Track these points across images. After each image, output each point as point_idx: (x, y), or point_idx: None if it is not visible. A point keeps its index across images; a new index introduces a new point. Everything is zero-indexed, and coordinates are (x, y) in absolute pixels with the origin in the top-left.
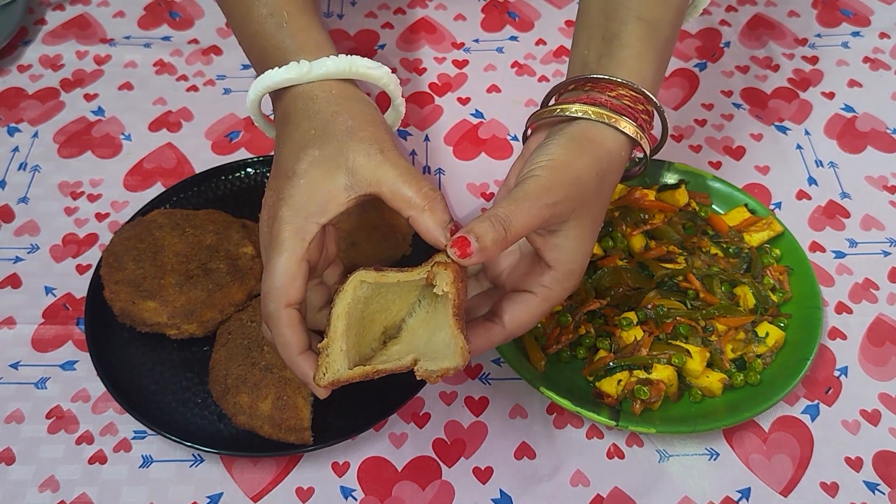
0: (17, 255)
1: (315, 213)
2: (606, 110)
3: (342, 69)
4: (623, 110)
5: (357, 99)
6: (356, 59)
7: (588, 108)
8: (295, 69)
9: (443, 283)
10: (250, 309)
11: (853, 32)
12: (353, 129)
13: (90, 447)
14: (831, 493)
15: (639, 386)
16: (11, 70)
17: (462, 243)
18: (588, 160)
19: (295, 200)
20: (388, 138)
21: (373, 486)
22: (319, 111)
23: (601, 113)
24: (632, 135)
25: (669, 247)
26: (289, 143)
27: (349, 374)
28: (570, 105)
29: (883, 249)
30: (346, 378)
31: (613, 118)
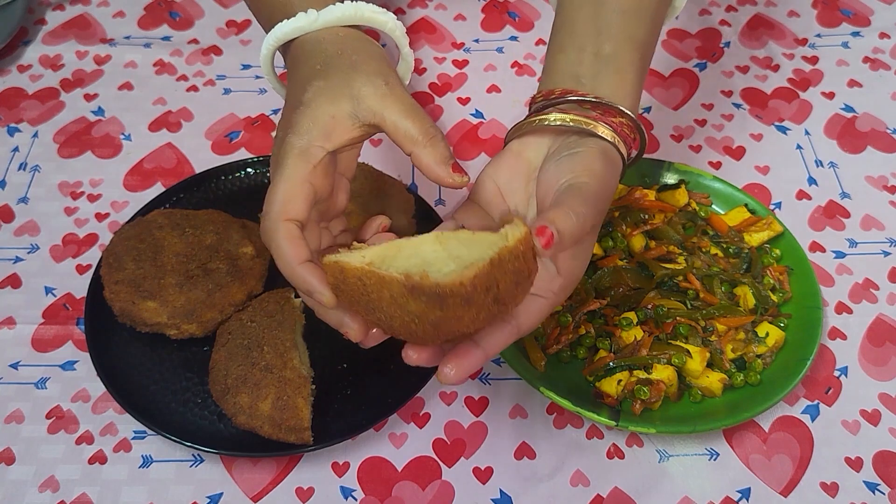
0: (17, 255)
1: (320, 137)
2: (619, 139)
3: (348, 15)
4: (626, 139)
5: (362, 39)
6: (362, 4)
7: (607, 132)
8: (303, 18)
9: (514, 233)
10: (250, 309)
11: (853, 32)
12: (358, 64)
13: (90, 447)
14: (831, 493)
15: (639, 386)
16: (11, 70)
17: (547, 235)
18: (614, 181)
19: (300, 127)
20: (392, 73)
21: (373, 486)
22: (325, 50)
23: (617, 139)
24: (625, 160)
25: (669, 247)
26: (295, 79)
27: (351, 264)
28: (593, 122)
29: (883, 249)
30: (346, 263)
31: (622, 147)
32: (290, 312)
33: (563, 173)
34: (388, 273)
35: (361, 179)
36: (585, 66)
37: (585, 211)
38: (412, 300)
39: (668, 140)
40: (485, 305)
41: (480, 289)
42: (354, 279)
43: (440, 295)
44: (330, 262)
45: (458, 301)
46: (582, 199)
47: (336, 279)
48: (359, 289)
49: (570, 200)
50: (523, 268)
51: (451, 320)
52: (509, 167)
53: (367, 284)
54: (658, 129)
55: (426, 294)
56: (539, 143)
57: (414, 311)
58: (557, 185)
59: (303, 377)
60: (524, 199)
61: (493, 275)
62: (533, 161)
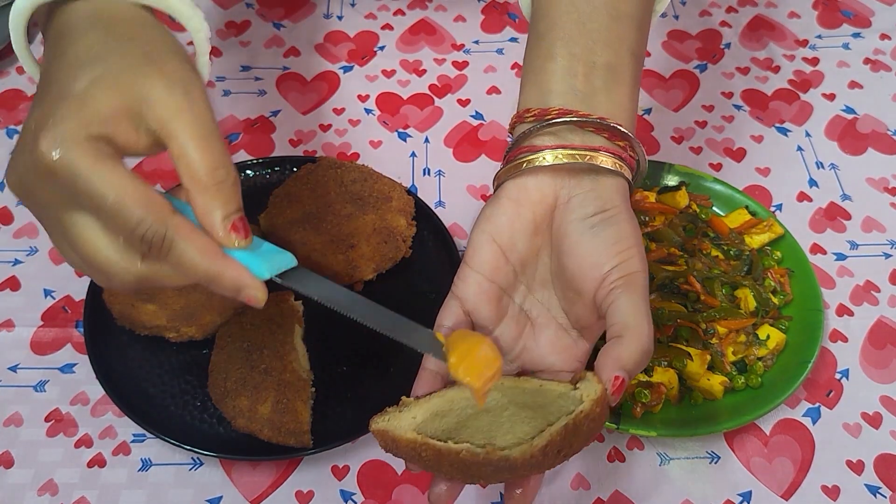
0: (16, 257)
1: (94, 122)
2: (625, 166)
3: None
4: (630, 164)
5: (160, 29)
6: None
7: (616, 162)
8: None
9: (589, 393)
10: (250, 312)
11: (854, 34)
12: (152, 57)
13: (89, 450)
14: (832, 496)
15: (639, 389)
16: (10, 72)
17: (618, 384)
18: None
19: (67, 124)
20: (197, 83)
21: (373, 490)
22: (109, 29)
23: (623, 167)
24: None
25: (670, 249)
26: (61, 61)
27: (402, 437)
28: (596, 153)
29: (884, 251)
30: (398, 435)
31: (628, 175)
32: (289, 315)
33: (606, 253)
34: (447, 445)
35: (360, 181)
36: (580, 77)
37: (649, 329)
38: (475, 468)
39: (668, 142)
40: (553, 462)
41: (552, 454)
42: (408, 450)
43: (510, 467)
44: (379, 430)
45: (528, 467)
46: (644, 312)
47: (388, 446)
48: (414, 457)
49: (635, 321)
50: (596, 427)
51: (518, 478)
52: (509, 221)
53: (423, 456)
54: (658, 131)
55: (493, 465)
56: (540, 186)
57: (477, 474)
58: (605, 272)
59: (302, 380)
60: (532, 255)
61: (567, 440)
62: (538, 212)
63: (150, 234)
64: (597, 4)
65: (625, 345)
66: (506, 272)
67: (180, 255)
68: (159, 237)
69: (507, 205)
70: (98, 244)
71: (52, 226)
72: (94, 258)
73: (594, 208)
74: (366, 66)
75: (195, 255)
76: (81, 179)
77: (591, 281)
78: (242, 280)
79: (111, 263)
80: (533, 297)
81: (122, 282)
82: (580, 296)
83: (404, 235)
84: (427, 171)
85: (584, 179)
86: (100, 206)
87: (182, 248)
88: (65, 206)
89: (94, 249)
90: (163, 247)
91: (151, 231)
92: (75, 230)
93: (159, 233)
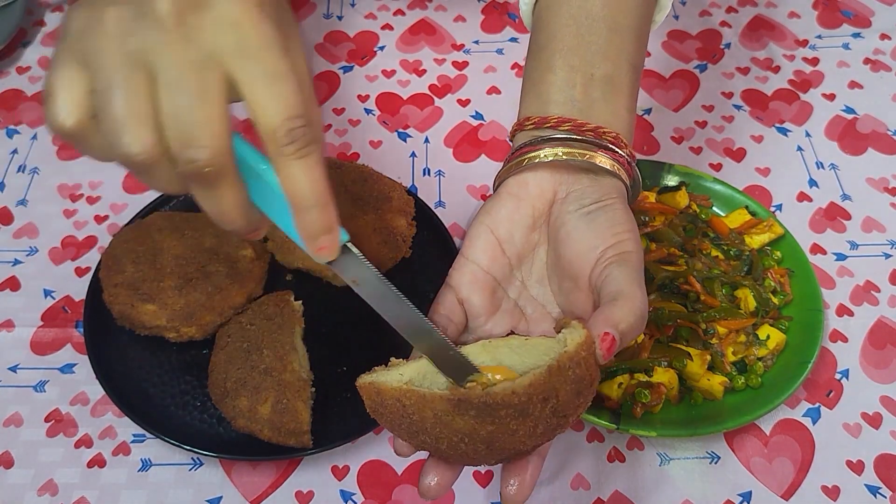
0: (16, 257)
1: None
2: (622, 169)
3: None
4: (628, 172)
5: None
6: None
7: (612, 163)
8: None
9: (574, 337)
10: (250, 312)
11: (854, 34)
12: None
13: (89, 451)
14: (832, 496)
15: (639, 389)
16: (10, 72)
17: (608, 341)
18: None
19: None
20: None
21: (373, 490)
22: None
23: (620, 170)
24: (628, 190)
25: (670, 249)
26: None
27: (387, 385)
28: (592, 153)
29: (884, 251)
30: (383, 385)
31: (625, 179)
32: (289, 315)
33: (601, 237)
34: (430, 390)
35: (360, 181)
36: (579, 89)
37: (643, 298)
38: (458, 416)
39: (668, 142)
40: (542, 418)
41: (537, 399)
42: (392, 400)
43: (490, 406)
44: (365, 384)
45: (512, 413)
46: (638, 283)
47: (373, 401)
48: (398, 411)
49: (629, 288)
50: (584, 375)
51: (504, 435)
52: (509, 215)
53: (406, 406)
54: (658, 131)
55: (475, 407)
56: (539, 182)
57: (462, 428)
58: (599, 252)
59: (302, 380)
60: (528, 249)
61: (552, 384)
62: (537, 206)
63: (199, 166)
64: (596, 17)
65: (618, 306)
66: (502, 264)
67: (217, 199)
68: (208, 176)
69: (507, 199)
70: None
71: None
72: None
73: (591, 200)
74: (366, 66)
75: (231, 209)
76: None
77: (587, 263)
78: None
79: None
80: (528, 293)
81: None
82: (576, 282)
83: (404, 236)
84: (427, 172)
85: (583, 177)
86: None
87: (222, 193)
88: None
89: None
90: (206, 182)
91: (202, 164)
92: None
93: (210, 170)
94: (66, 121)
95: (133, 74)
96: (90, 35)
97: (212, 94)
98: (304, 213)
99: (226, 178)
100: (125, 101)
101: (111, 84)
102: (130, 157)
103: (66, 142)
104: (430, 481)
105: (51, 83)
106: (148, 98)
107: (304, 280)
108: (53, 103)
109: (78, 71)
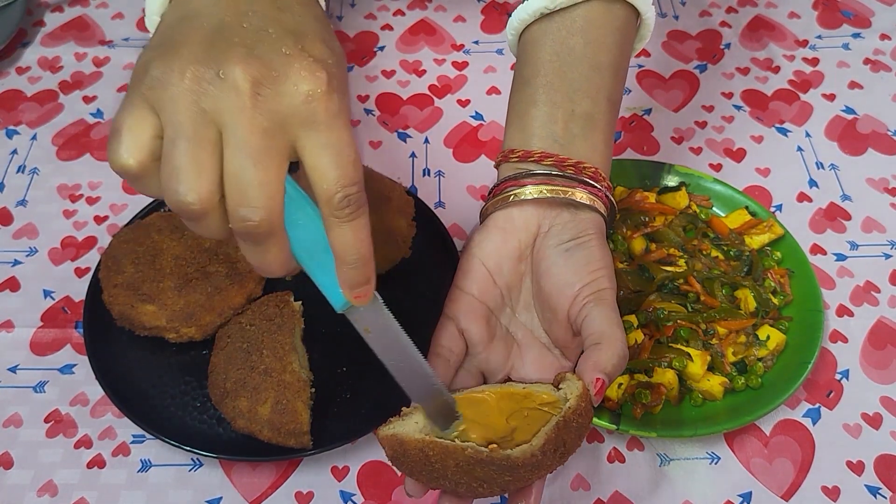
0: (16, 258)
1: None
2: (600, 203)
3: None
4: (605, 204)
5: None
6: None
7: (592, 199)
8: None
9: (572, 391)
10: (249, 312)
11: (854, 34)
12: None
13: (89, 451)
14: (833, 496)
15: (639, 389)
16: (10, 72)
17: (599, 385)
18: (612, 262)
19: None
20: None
21: (372, 491)
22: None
23: (598, 204)
24: (605, 220)
25: (670, 249)
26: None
27: (411, 437)
28: (573, 190)
29: (884, 252)
30: (407, 437)
31: (603, 211)
32: (289, 316)
33: (577, 273)
34: (453, 442)
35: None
36: (560, 125)
37: (623, 337)
38: (479, 468)
39: (668, 142)
40: (552, 463)
41: (549, 452)
42: (416, 451)
43: (512, 466)
44: (387, 436)
45: (529, 467)
46: (617, 322)
47: (395, 451)
48: (421, 459)
49: (609, 330)
50: (585, 422)
51: (519, 482)
52: (497, 248)
53: (430, 455)
54: (658, 131)
55: (495, 464)
56: (524, 216)
57: (481, 476)
58: (576, 290)
59: (302, 381)
60: (516, 280)
61: (561, 437)
62: (522, 240)
63: (252, 226)
64: (578, 55)
65: (602, 350)
66: (494, 294)
67: (263, 253)
68: (258, 234)
69: (495, 232)
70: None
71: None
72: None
73: (569, 236)
74: (366, 67)
75: (273, 262)
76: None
77: (565, 299)
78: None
79: (212, 207)
80: (517, 320)
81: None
82: (555, 314)
83: (404, 236)
84: (427, 172)
85: (564, 213)
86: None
87: (267, 249)
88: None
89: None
90: (255, 239)
91: (255, 225)
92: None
93: (261, 230)
94: (129, 160)
95: (202, 129)
96: (167, 86)
97: (274, 159)
98: (348, 267)
99: (273, 237)
100: (189, 151)
101: (179, 133)
102: (184, 205)
103: (124, 179)
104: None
105: (119, 122)
106: (212, 153)
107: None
108: (119, 141)
109: (148, 115)
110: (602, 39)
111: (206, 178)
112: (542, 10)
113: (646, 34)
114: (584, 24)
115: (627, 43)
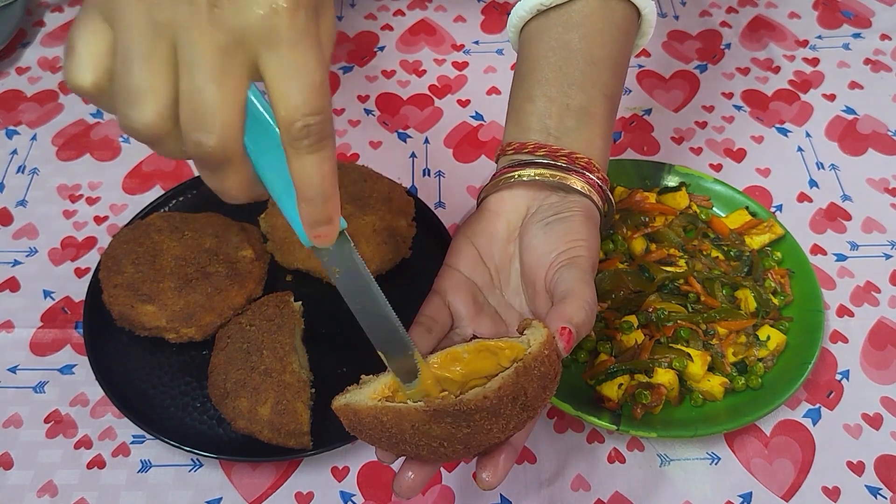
0: (16, 258)
1: None
2: (593, 191)
3: None
4: (600, 194)
5: None
6: None
7: (583, 185)
8: None
9: (536, 337)
10: (249, 313)
11: (854, 34)
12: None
13: (89, 452)
14: (833, 497)
15: (640, 390)
16: (10, 72)
17: (566, 335)
18: (599, 241)
19: None
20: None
21: (372, 491)
22: None
23: (592, 192)
24: (601, 215)
25: (670, 250)
26: None
27: (363, 404)
28: (566, 175)
29: (884, 252)
30: (359, 406)
31: (597, 200)
32: (289, 316)
33: (555, 243)
34: (405, 404)
35: (360, 182)
36: (554, 119)
37: (592, 294)
38: (435, 425)
39: (668, 142)
40: (513, 414)
41: (507, 399)
42: (370, 418)
43: (465, 412)
44: (340, 406)
45: (486, 415)
46: (586, 282)
47: (350, 421)
48: (377, 427)
49: (577, 287)
50: (549, 371)
51: (479, 434)
52: (486, 229)
53: (384, 421)
54: (658, 132)
55: (450, 415)
56: (515, 199)
57: (440, 434)
58: (552, 258)
59: (302, 381)
60: (505, 261)
61: (520, 383)
62: (511, 221)
63: (206, 152)
64: (573, 49)
65: (568, 303)
66: (482, 272)
67: (221, 180)
68: (213, 160)
69: (486, 215)
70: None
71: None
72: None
73: (553, 213)
74: (365, 67)
75: (232, 188)
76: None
77: (542, 267)
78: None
79: (167, 127)
80: (505, 301)
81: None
82: (535, 287)
83: (404, 236)
84: (427, 172)
85: (553, 195)
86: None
87: (226, 175)
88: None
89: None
90: (211, 165)
91: (210, 150)
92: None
93: (216, 156)
94: (85, 80)
95: (156, 45)
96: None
97: (232, 79)
98: (308, 203)
99: (230, 163)
100: (141, 70)
101: (131, 50)
102: (136, 129)
103: (82, 97)
104: (408, 477)
105: (73, 37)
106: (165, 72)
107: (304, 281)
108: (73, 60)
109: (103, 28)
110: (598, 34)
111: (159, 101)
112: (539, 6)
113: (647, 30)
114: (580, 20)
115: (626, 38)
